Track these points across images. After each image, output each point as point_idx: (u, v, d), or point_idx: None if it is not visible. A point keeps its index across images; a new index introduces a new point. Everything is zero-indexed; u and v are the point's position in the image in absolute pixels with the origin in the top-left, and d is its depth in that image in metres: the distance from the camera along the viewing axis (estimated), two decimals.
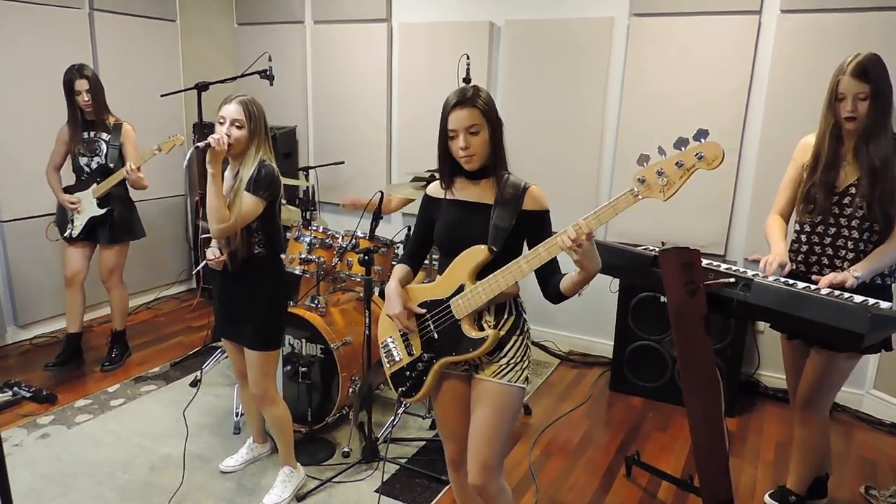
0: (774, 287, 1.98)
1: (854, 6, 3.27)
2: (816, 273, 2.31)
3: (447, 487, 2.77)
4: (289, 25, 4.99)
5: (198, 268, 4.92)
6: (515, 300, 1.96)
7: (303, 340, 3.10)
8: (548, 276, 1.87)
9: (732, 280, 2.04)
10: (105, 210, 3.69)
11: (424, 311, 1.97)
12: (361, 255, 2.87)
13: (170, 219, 5.14)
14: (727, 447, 2.18)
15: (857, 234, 2.23)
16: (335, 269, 3.22)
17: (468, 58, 3.54)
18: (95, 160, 3.68)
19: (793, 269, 2.30)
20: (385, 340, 2.09)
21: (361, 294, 3.17)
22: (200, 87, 3.76)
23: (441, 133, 1.90)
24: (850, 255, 2.25)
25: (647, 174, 1.64)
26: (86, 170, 3.70)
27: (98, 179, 3.67)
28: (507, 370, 1.91)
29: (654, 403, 3.64)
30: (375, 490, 2.73)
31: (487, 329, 1.91)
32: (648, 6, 3.77)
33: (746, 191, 3.72)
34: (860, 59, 2.11)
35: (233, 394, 3.40)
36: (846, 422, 3.49)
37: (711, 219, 3.77)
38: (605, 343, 4.08)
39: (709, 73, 3.65)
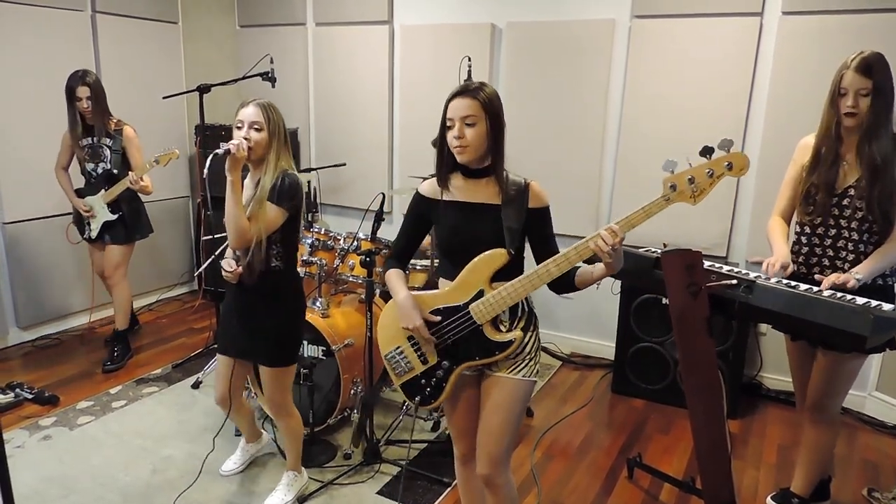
0: (776, 289, 1.98)
1: (856, 8, 3.27)
2: (818, 274, 2.30)
3: (449, 489, 2.77)
4: (291, 27, 4.99)
5: (199, 270, 4.93)
6: (526, 297, 1.94)
7: (304, 342, 3.10)
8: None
9: (734, 282, 2.04)
10: (117, 215, 3.80)
11: (439, 319, 1.93)
12: (363, 257, 2.86)
13: (172, 220, 5.14)
14: (729, 449, 2.18)
15: (857, 235, 2.23)
16: (337, 271, 3.22)
17: (470, 59, 3.55)
18: (101, 166, 3.75)
19: (794, 271, 2.29)
20: (391, 351, 2.04)
21: (363, 296, 3.17)
22: (202, 89, 3.77)
23: (441, 124, 1.88)
24: (851, 257, 2.24)
25: (678, 181, 1.73)
26: (92, 175, 3.78)
27: (105, 186, 3.74)
28: (523, 366, 1.93)
29: (656, 405, 3.63)
30: (377, 492, 2.73)
31: (507, 330, 1.90)
32: (650, 8, 3.77)
33: (748, 193, 3.71)
34: (865, 55, 2.12)
35: None
36: (849, 424, 3.47)
37: (713, 221, 3.77)
38: (607, 345, 4.08)
39: (710, 75, 3.65)
